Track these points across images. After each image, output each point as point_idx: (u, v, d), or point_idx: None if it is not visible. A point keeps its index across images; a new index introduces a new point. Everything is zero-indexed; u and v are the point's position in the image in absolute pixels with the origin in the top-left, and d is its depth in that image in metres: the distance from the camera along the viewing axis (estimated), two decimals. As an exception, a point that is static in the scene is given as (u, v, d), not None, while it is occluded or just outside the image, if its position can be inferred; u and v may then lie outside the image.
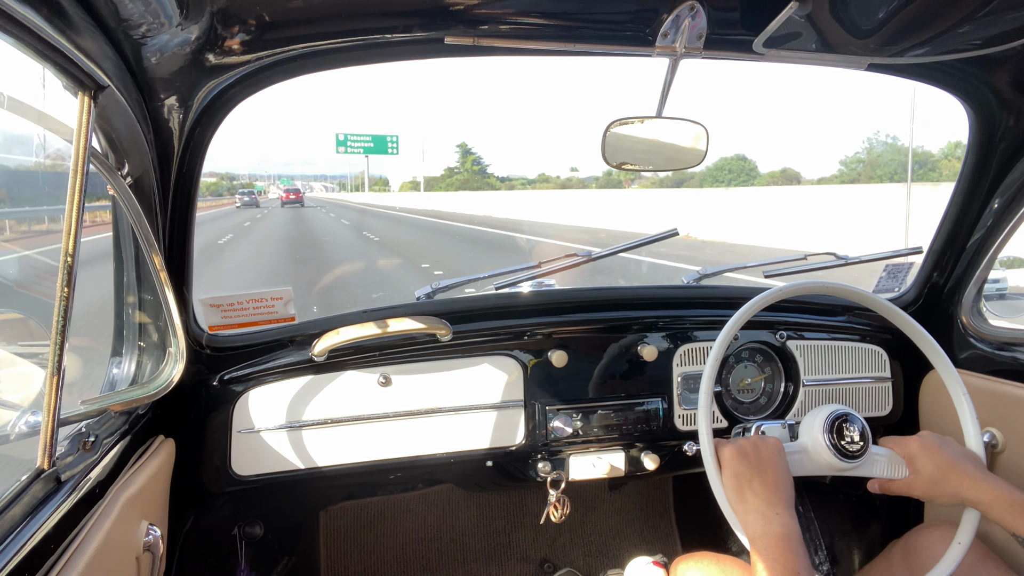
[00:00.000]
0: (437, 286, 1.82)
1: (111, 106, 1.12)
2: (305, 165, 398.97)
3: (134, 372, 1.47)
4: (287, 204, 56.91)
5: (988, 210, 1.71)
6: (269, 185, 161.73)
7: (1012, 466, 1.59)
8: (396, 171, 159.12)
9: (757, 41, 1.31)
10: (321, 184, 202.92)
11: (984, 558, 1.37)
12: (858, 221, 15.86)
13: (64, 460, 1.09)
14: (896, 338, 1.90)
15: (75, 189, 0.98)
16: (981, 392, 1.62)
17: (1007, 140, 1.61)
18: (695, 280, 1.99)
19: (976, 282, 1.78)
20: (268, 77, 1.33)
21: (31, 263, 4.28)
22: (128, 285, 1.45)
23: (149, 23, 1.08)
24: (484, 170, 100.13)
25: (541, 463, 1.76)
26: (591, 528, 2.45)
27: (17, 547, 0.87)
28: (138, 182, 1.32)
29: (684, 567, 1.47)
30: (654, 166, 1.61)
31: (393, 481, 1.82)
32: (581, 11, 1.27)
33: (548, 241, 18.06)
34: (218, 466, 1.60)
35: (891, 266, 1.95)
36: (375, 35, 1.29)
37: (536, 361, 1.74)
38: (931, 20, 1.16)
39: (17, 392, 1.20)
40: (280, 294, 1.59)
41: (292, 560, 1.97)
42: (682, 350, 1.79)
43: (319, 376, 1.64)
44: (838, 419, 1.28)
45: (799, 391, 1.83)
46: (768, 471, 1.19)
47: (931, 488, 1.24)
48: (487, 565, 2.37)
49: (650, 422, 1.78)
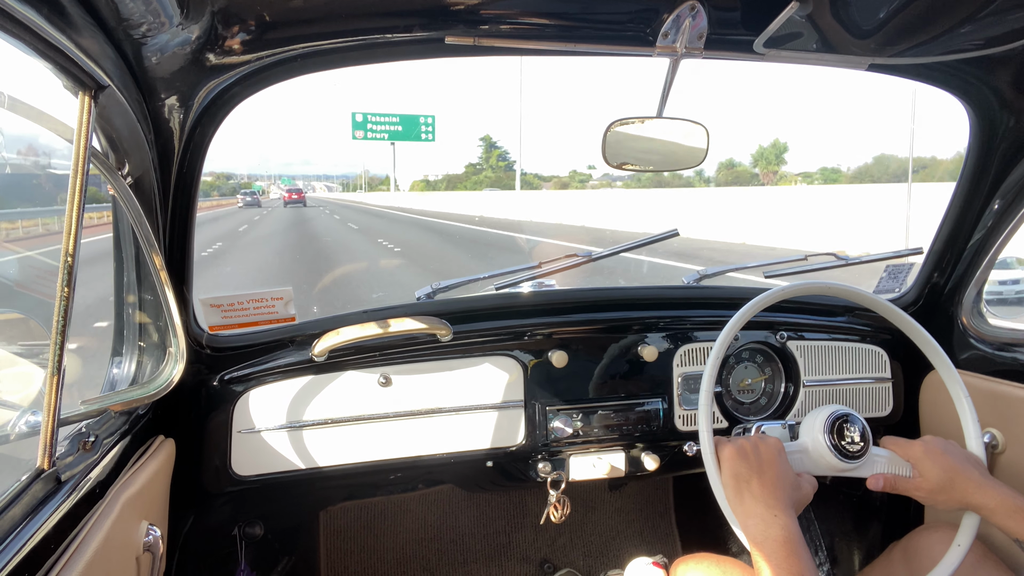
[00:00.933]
0: (437, 286, 1.83)
1: (111, 106, 1.12)
2: (306, 165, 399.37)
3: (134, 372, 1.47)
4: (290, 204, 59.34)
5: (988, 211, 1.71)
6: (270, 185, 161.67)
7: (1012, 467, 1.58)
8: (402, 169, 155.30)
9: (758, 41, 1.31)
10: (323, 184, 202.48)
11: (984, 559, 1.37)
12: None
13: (64, 460, 1.09)
14: (896, 339, 1.90)
15: (75, 189, 0.98)
16: (981, 393, 1.62)
17: (1008, 141, 1.61)
18: (695, 280, 1.99)
19: (976, 283, 1.77)
20: (269, 77, 1.33)
21: (31, 263, 4.28)
22: (128, 285, 1.45)
23: (150, 23, 1.08)
24: (511, 166, 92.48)
25: (541, 463, 1.76)
26: (591, 528, 2.45)
27: (17, 547, 0.87)
28: (138, 182, 1.32)
29: (684, 568, 1.47)
30: (655, 166, 1.61)
31: (393, 481, 1.82)
32: (582, 11, 1.27)
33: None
34: (218, 466, 1.60)
35: (891, 267, 1.95)
36: (375, 35, 1.29)
37: (536, 361, 1.74)
38: (932, 20, 1.16)
39: (17, 392, 1.20)
40: (280, 294, 1.59)
41: (292, 560, 1.97)
42: (682, 350, 1.79)
43: (319, 376, 1.63)
44: (839, 419, 1.28)
45: (799, 391, 1.83)
46: (767, 471, 1.18)
47: (937, 493, 1.24)
48: (487, 565, 2.37)
49: (650, 422, 1.78)
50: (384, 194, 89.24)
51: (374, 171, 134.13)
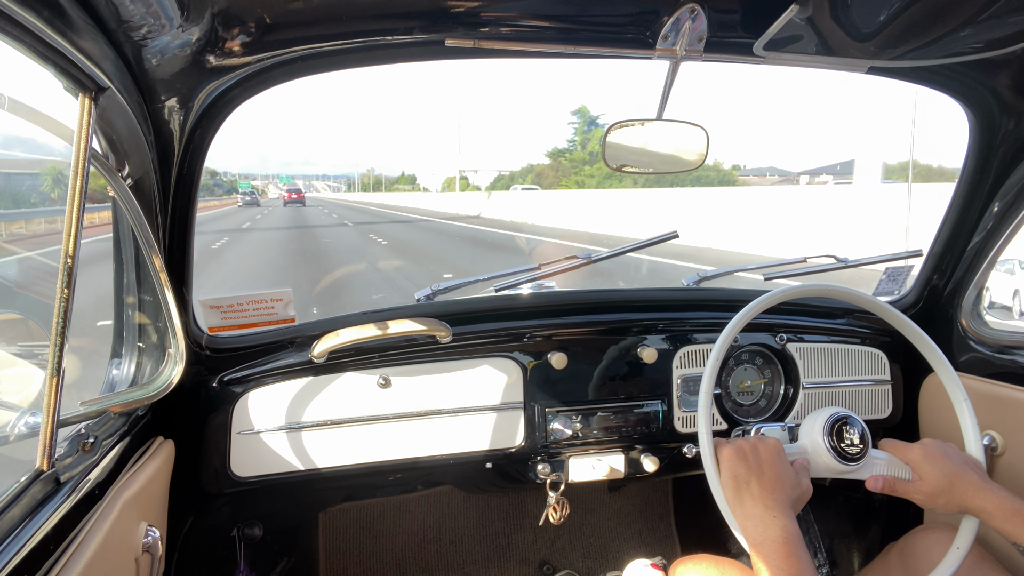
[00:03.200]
0: (437, 288, 1.82)
1: (112, 107, 1.12)
2: (305, 165, 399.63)
3: (134, 373, 1.47)
4: (289, 203, 60.19)
5: (988, 213, 1.71)
6: (267, 184, 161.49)
7: (1011, 469, 1.59)
8: (424, 165, 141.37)
9: (757, 44, 1.31)
10: (324, 183, 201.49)
11: (982, 561, 1.37)
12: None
13: (63, 461, 1.09)
14: (896, 341, 1.90)
15: (75, 190, 0.98)
16: (981, 395, 1.62)
17: (1007, 143, 1.61)
18: (695, 282, 1.99)
19: (976, 285, 1.78)
20: (269, 79, 1.33)
21: (31, 264, 4.29)
22: (128, 286, 1.45)
23: (150, 25, 1.08)
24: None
25: (541, 465, 1.76)
26: (590, 530, 2.45)
27: (16, 548, 0.87)
28: (138, 183, 1.33)
29: (682, 569, 1.47)
30: (654, 168, 1.61)
31: (392, 483, 1.82)
32: (582, 14, 1.28)
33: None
34: (217, 467, 1.60)
35: (891, 269, 1.95)
36: (376, 37, 1.29)
37: (536, 363, 1.74)
38: (931, 23, 1.16)
39: (17, 393, 1.20)
40: (280, 295, 1.59)
41: (291, 561, 1.97)
42: (682, 352, 1.79)
43: (319, 377, 1.63)
44: (838, 422, 1.28)
45: (799, 394, 1.83)
46: (766, 472, 1.19)
47: (936, 496, 1.24)
48: (486, 567, 2.37)
49: (650, 424, 1.78)
50: (404, 195, 74.00)
51: (398, 170, 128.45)
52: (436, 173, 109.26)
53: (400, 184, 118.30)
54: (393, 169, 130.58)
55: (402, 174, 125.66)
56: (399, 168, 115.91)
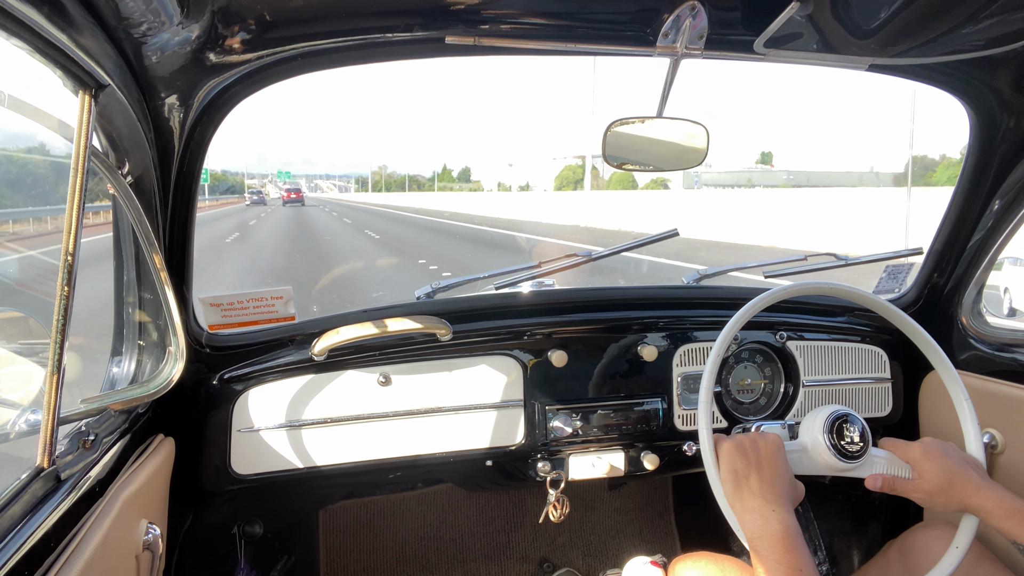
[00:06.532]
0: (437, 286, 1.83)
1: (112, 105, 1.12)
2: (307, 164, 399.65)
3: (134, 371, 1.47)
4: (288, 203, 60.73)
5: (988, 211, 1.71)
6: (265, 183, 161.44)
7: (1011, 467, 1.59)
8: (483, 166, 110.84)
9: (758, 41, 1.31)
10: (330, 183, 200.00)
11: (981, 558, 1.37)
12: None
13: (64, 459, 1.09)
14: (896, 339, 1.90)
15: (75, 188, 0.98)
16: (981, 393, 1.62)
17: (1008, 141, 1.61)
18: (695, 280, 1.99)
19: (976, 283, 1.78)
20: (269, 76, 1.33)
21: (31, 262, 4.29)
22: (128, 284, 1.45)
23: (150, 22, 1.08)
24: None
25: (541, 463, 1.76)
26: (590, 528, 2.45)
27: (17, 545, 0.87)
28: (138, 181, 1.33)
29: (682, 567, 1.47)
30: (655, 166, 1.61)
31: (393, 480, 1.82)
32: (582, 11, 1.27)
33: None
34: (218, 465, 1.60)
35: (891, 267, 1.95)
36: (376, 34, 1.29)
37: (536, 361, 1.74)
38: (932, 21, 1.16)
39: (17, 391, 1.20)
40: (280, 293, 1.59)
41: (291, 559, 1.97)
42: (682, 350, 1.79)
43: (319, 375, 1.64)
44: (838, 419, 1.28)
45: (799, 391, 1.83)
46: (765, 467, 1.19)
47: (935, 495, 1.24)
48: (486, 564, 2.37)
49: (650, 422, 1.78)
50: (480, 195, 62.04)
51: (452, 163, 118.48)
52: (541, 166, 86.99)
53: (442, 182, 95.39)
54: (408, 167, 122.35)
55: (444, 168, 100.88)
56: (414, 166, 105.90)
